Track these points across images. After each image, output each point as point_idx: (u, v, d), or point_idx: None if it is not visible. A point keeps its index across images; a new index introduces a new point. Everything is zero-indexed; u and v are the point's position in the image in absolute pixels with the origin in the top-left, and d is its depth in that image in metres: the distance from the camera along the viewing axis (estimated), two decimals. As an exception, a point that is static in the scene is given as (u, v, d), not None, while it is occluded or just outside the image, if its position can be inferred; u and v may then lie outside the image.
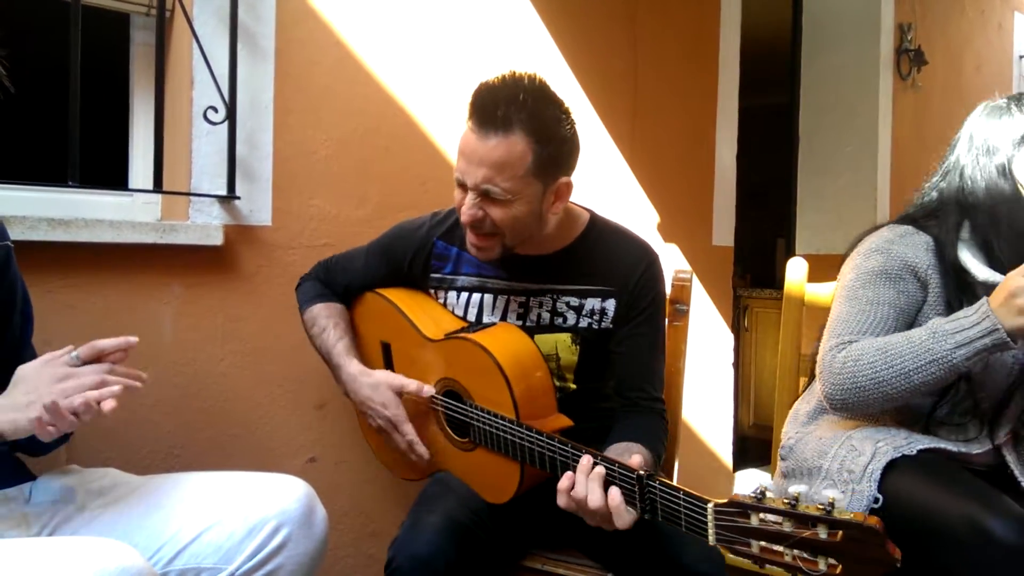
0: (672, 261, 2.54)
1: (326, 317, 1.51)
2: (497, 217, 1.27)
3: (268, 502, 1.15)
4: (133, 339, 1.06)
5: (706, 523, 0.98)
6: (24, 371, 1.02)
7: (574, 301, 1.39)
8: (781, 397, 1.76)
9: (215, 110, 1.63)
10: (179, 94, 1.68)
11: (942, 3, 3.93)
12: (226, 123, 1.65)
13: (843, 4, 3.63)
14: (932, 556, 1.17)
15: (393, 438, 1.40)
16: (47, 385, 0.99)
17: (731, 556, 1.17)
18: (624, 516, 1.08)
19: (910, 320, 1.39)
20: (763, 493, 0.93)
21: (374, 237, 1.61)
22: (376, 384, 1.40)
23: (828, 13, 3.70)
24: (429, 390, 1.37)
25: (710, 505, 0.98)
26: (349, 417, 1.76)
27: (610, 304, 1.38)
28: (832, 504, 0.88)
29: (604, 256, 1.39)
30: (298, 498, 1.17)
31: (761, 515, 0.93)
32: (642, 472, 1.07)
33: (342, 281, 1.57)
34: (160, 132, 1.60)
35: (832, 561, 0.89)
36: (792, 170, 3.83)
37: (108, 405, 1.00)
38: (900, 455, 1.28)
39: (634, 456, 1.12)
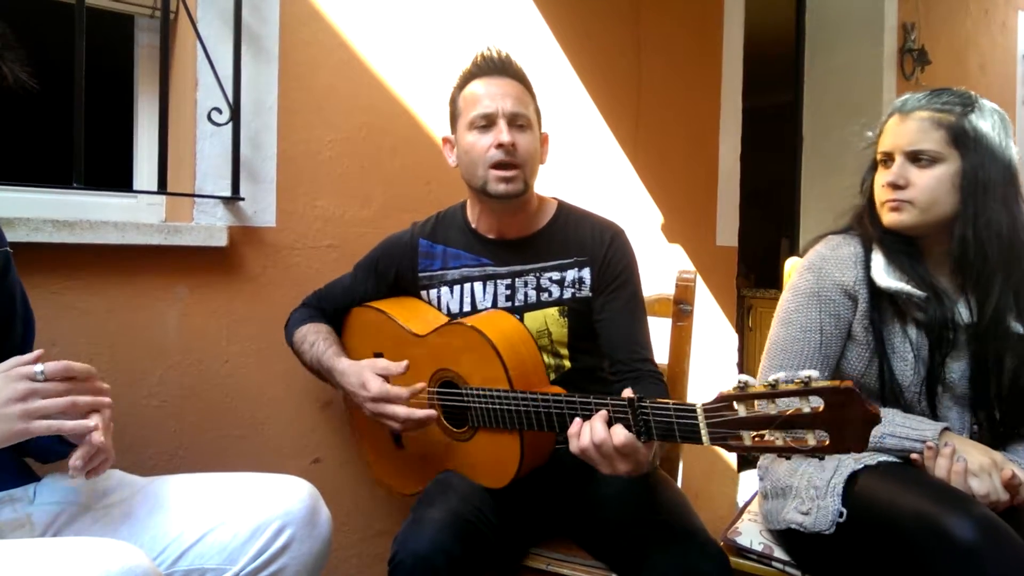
0: (676, 261, 2.54)
1: (315, 332, 1.56)
2: (523, 145, 1.41)
3: (272, 503, 1.15)
4: (94, 370, 1.01)
5: (698, 426, 1.03)
6: None
7: (556, 275, 1.48)
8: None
9: (219, 111, 1.64)
10: (183, 95, 1.69)
11: (945, 2, 3.92)
12: (230, 124, 1.66)
13: (846, 4, 3.63)
14: (896, 558, 1.17)
15: (391, 412, 1.37)
16: (8, 404, 0.93)
17: (743, 562, 1.16)
18: (639, 448, 1.10)
19: (842, 339, 1.41)
20: (746, 383, 0.98)
21: (378, 237, 1.64)
22: (358, 370, 1.43)
23: (831, 13, 3.69)
24: (402, 365, 1.40)
25: (699, 405, 1.03)
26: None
27: (586, 272, 1.48)
28: (809, 378, 0.93)
29: (576, 232, 1.50)
30: (302, 499, 1.17)
31: (747, 403, 0.97)
32: (632, 396, 1.11)
33: (332, 303, 1.62)
34: (164, 133, 1.60)
35: (821, 434, 0.94)
36: (796, 170, 3.83)
37: (96, 437, 0.98)
38: (862, 466, 1.29)
39: (624, 391, 1.15)
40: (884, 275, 1.36)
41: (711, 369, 2.65)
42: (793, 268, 1.52)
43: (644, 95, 2.48)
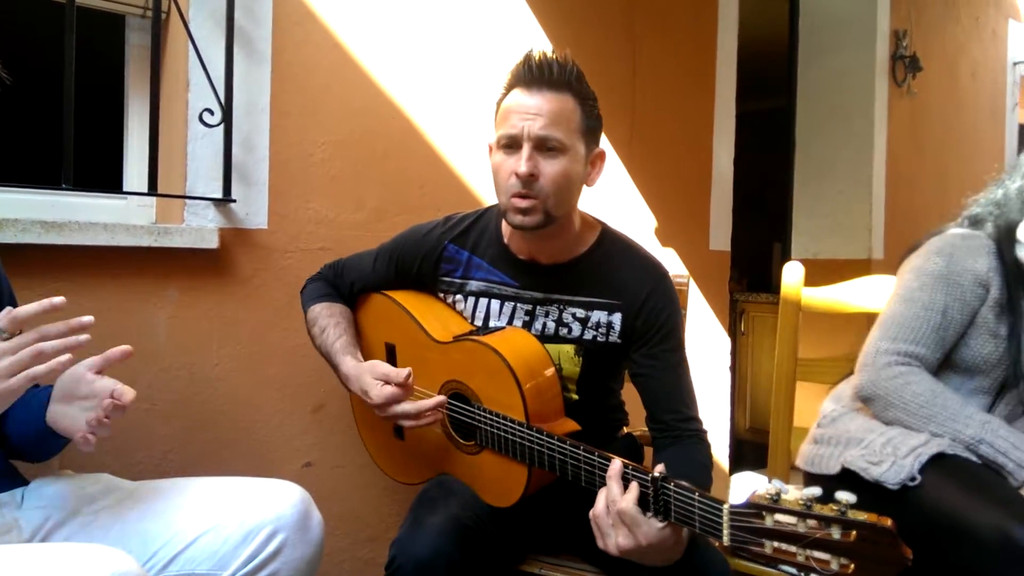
0: (669, 265, 2.53)
1: (327, 316, 1.50)
2: (549, 173, 1.26)
3: (264, 507, 1.14)
4: (58, 299, 0.97)
5: (721, 524, 0.98)
6: None
7: (580, 313, 1.37)
8: (777, 401, 1.76)
9: (211, 112, 1.63)
10: (175, 96, 1.68)
11: (937, 10, 3.95)
12: (222, 126, 1.65)
13: (839, 10, 3.65)
14: (956, 556, 1.18)
15: (399, 412, 1.31)
16: None
17: (742, 563, 1.15)
18: (641, 524, 1.04)
19: (963, 326, 1.43)
20: (778, 494, 0.94)
21: (371, 241, 1.61)
22: (360, 374, 1.36)
23: (824, 19, 3.71)
24: (406, 373, 1.30)
25: (725, 507, 0.98)
26: (346, 421, 1.75)
27: (616, 318, 1.36)
28: (847, 505, 0.89)
29: (613, 270, 1.38)
30: (294, 503, 1.16)
31: (776, 516, 0.93)
32: (657, 475, 1.05)
33: (349, 281, 1.56)
34: (155, 134, 1.59)
35: (844, 561, 0.89)
36: (788, 175, 3.84)
37: (127, 396, 1.00)
38: (953, 452, 1.30)
39: (658, 466, 1.09)
40: None
41: (704, 373, 2.65)
42: (913, 258, 1.52)
43: (638, 99, 2.48)
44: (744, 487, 1.55)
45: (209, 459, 1.69)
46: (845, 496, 0.89)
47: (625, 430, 1.57)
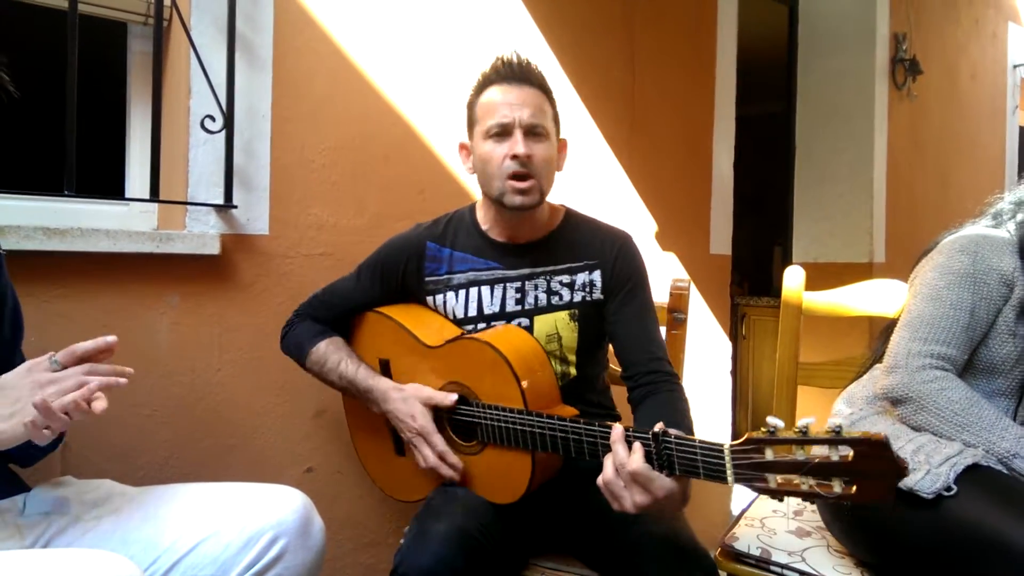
0: (670, 270, 2.55)
1: (336, 351, 1.51)
2: (539, 155, 1.40)
3: (265, 513, 1.14)
4: (111, 338, 1.04)
5: (724, 465, 1.02)
6: (5, 380, 1.01)
7: (566, 278, 1.47)
8: (779, 405, 1.75)
9: (212, 119, 1.63)
10: (176, 103, 1.68)
11: (937, 13, 3.95)
12: (223, 132, 1.65)
13: (838, 14, 3.66)
14: (988, 570, 1.15)
15: (422, 452, 1.39)
16: (29, 394, 0.98)
17: (732, 565, 1.15)
18: (655, 480, 1.08)
19: (988, 326, 1.41)
20: (775, 428, 0.98)
21: (372, 246, 1.61)
22: (406, 397, 1.42)
23: (824, 23, 3.72)
24: (452, 398, 1.38)
25: (726, 447, 1.02)
26: (347, 426, 1.75)
27: (596, 275, 1.48)
28: (839, 427, 0.93)
29: (584, 236, 1.51)
30: (295, 509, 1.16)
31: (775, 447, 0.98)
32: (656, 430, 1.09)
33: (336, 310, 1.57)
34: (157, 141, 1.59)
35: (846, 480, 0.93)
36: (789, 178, 3.84)
37: (99, 405, 0.99)
38: (987, 464, 1.28)
39: (657, 424, 1.13)
40: None
41: (705, 377, 2.65)
42: (934, 255, 1.51)
43: (638, 103, 2.49)
44: (746, 492, 1.55)
45: (211, 465, 1.69)
46: (835, 420, 0.94)
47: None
